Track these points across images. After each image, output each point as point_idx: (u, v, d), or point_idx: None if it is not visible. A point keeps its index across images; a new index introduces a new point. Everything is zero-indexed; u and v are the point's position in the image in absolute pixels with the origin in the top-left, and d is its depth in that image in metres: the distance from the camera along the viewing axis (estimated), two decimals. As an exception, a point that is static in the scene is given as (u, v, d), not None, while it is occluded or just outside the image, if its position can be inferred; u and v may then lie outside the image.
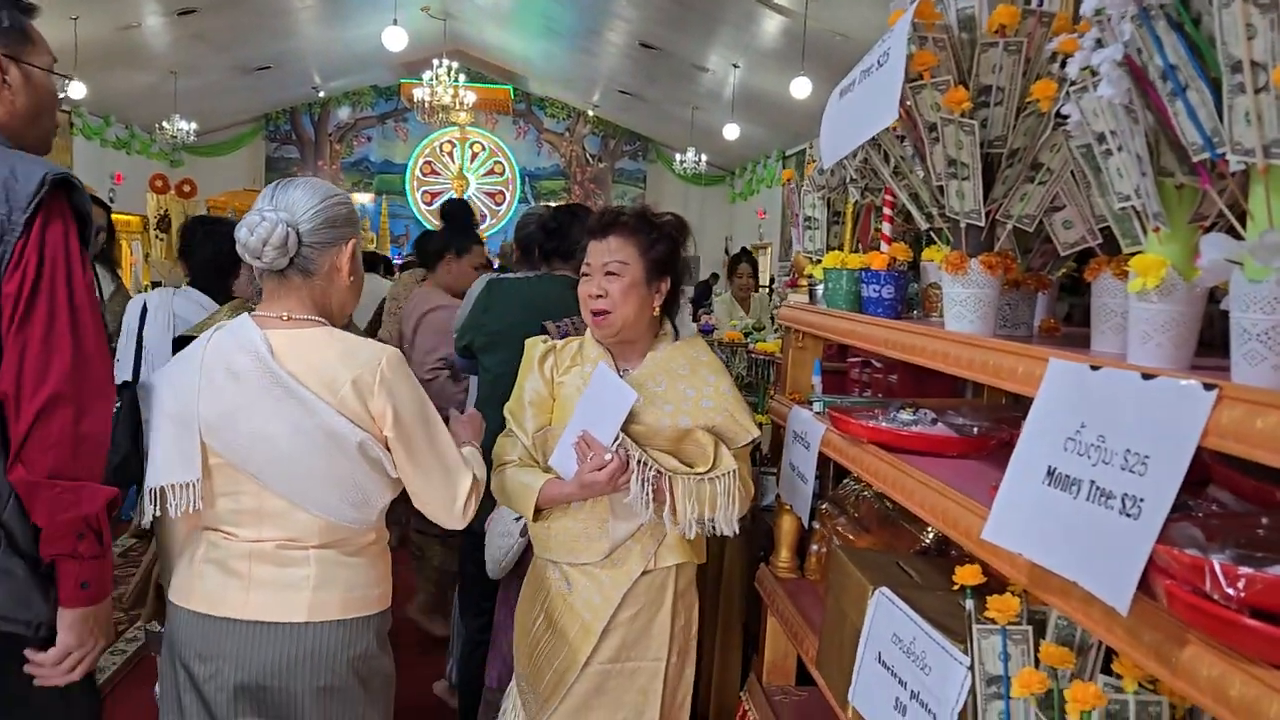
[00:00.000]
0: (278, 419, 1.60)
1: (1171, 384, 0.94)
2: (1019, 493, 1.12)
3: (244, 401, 1.61)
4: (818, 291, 2.26)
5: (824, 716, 2.29)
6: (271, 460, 1.61)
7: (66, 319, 1.52)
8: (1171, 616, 0.91)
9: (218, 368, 1.63)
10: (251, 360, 1.61)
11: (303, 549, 1.65)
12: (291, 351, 1.63)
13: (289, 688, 1.63)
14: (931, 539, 1.97)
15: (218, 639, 1.64)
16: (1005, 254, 1.46)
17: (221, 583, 1.65)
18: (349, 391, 1.61)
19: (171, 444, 1.65)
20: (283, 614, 1.63)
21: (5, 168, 1.52)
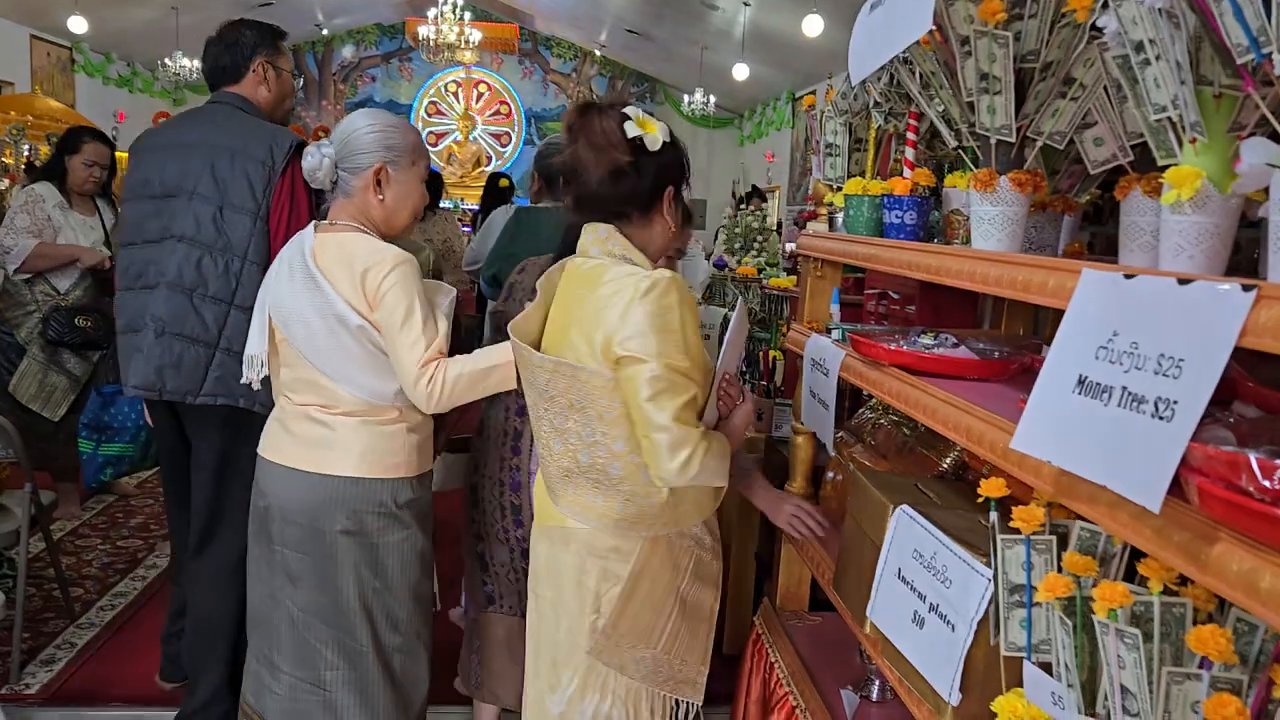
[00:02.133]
0: (309, 305, 1.99)
1: (1208, 287, 0.95)
2: (1049, 402, 1.13)
3: (291, 290, 2.02)
4: (837, 220, 2.25)
5: (837, 640, 2.34)
6: (306, 337, 2.01)
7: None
8: (1201, 515, 0.92)
9: (284, 264, 2.07)
10: (299, 258, 2.02)
11: (333, 414, 2.03)
12: (325, 250, 2.02)
13: (316, 525, 2.03)
14: (949, 464, 1.99)
15: (272, 479, 2.10)
16: (1035, 172, 1.45)
17: (279, 435, 2.11)
18: (356, 282, 1.97)
19: (256, 323, 2.12)
20: (311, 464, 2.04)
21: (270, 135, 2.42)
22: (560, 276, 1.82)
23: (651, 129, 1.72)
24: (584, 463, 1.69)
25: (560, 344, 1.72)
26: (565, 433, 1.71)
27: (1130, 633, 0.98)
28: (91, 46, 12.05)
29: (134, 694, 2.88)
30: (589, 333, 1.65)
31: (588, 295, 1.69)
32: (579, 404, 1.67)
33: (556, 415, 1.71)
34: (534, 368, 1.72)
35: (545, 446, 1.77)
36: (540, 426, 1.77)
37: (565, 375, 1.67)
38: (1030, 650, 1.27)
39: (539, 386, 1.72)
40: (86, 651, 3.15)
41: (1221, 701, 0.87)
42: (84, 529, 4.29)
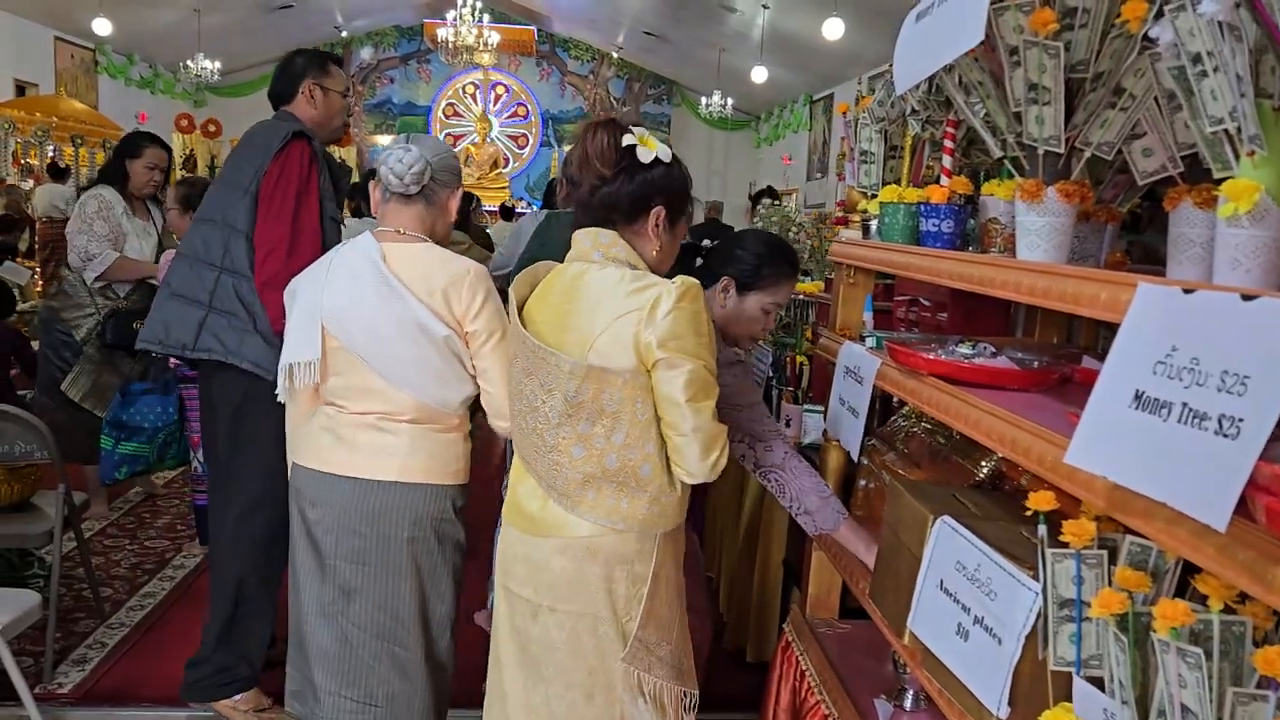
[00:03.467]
0: (383, 312, 2.02)
1: (1275, 304, 0.94)
2: (1105, 416, 1.12)
3: (358, 298, 2.04)
4: (871, 227, 2.24)
5: (868, 648, 2.33)
6: (375, 346, 2.03)
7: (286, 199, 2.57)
8: (1267, 534, 0.91)
9: (342, 271, 2.08)
10: (368, 265, 2.04)
11: (397, 422, 2.07)
12: (400, 259, 2.06)
13: (381, 533, 2.06)
14: (986, 473, 1.98)
15: (327, 490, 2.09)
16: (1083, 183, 1.44)
17: (332, 445, 2.09)
18: (440, 295, 2.03)
19: (300, 331, 2.09)
20: (378, 473, 2.06)
21: (274, 127, 2.67)
22: (550, 279, 1.82)
23: (649, 144, 1.75)
24: (612, 467, 1.69)
25: (561, 347, 1.71)
26: (590, 438, 1.69)
27: (1193, 652, 0.97)
28: (114, 48, 12.16)
29: (164, 694, 2.89)
30: (617, 336, 1.66)
31: (602, 299, 1.70)
32: (610, 408, 1.67)
33: (583, 422, 1.69)
34: (561, 374, 1.69)
35: (563, 454, 1.71)
36: (558, 434, 1.71)
37: (596, 380, 1.66)
38: (1080, 665, 1.26)
39: (565, 393, 1.69)
40: (117, 652, 3.17)
41: (1290, 723, 0.86)
42: (112, 529, 4.32)
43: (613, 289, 1.70)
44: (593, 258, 1.76)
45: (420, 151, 2.10)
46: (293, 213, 2.55)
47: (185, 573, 3.86)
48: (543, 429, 1.73)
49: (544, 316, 1.77)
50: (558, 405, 1.69)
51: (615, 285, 1.70)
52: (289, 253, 2.50)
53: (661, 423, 1.70)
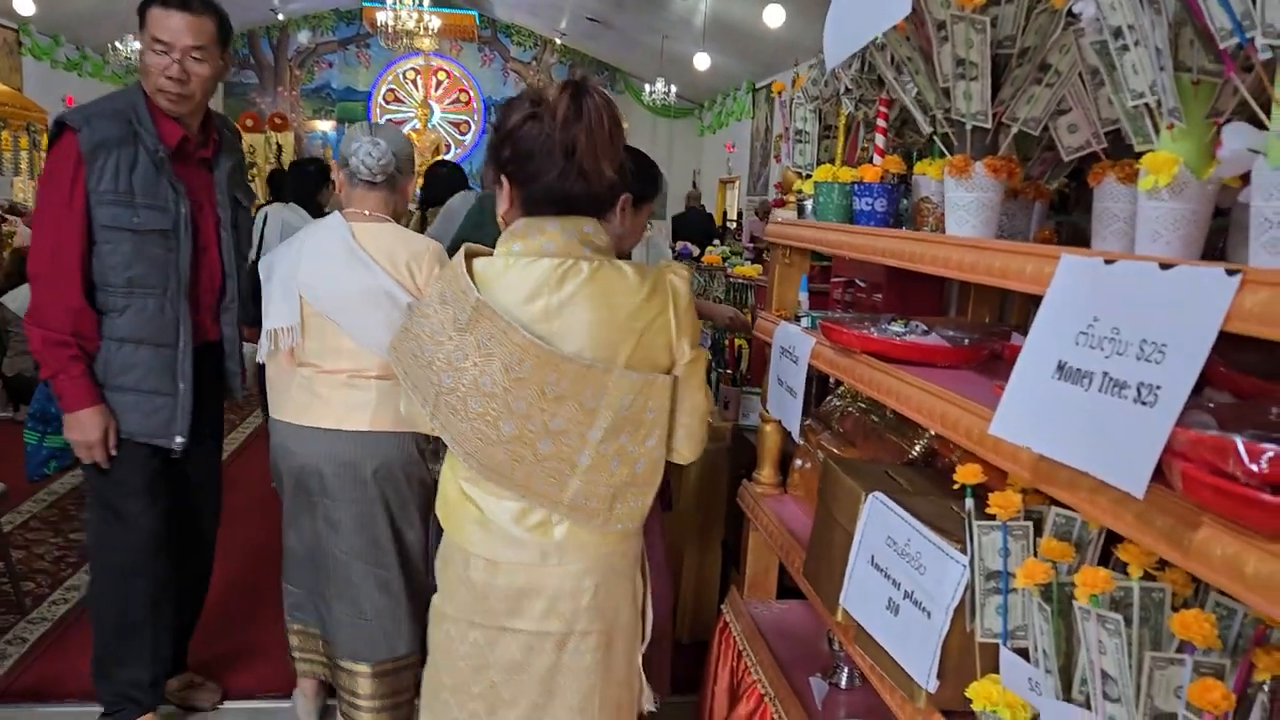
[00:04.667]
0: (354, 283, 2.29)
1: (1192, 271, 0.94)
2: (1028, 388, 1.13)
3: (332, 270, 2.31)
4: (806, 207, 2.24)
5: (805, 628, 2.34)
6: (347, 311, 2.30)
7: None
8: (1184, 500, 0.92)
9: (315, 247, 2.35)
10: (340, 242, 2.32)
11: (366, 379, 2.35)
12: (367, 237, 2.33)
13: (357, 475, 2.36)
14: (918, 451, 1.99)
15: (307, 440, 2.38)
16: (1010, 158, 1.45)
17: (309, 401, 2.38)
18: (405, 267, 2.32)
19: (281, 300, 2.35)
20: (351, 424, 2.35)
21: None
22: (517, 276, 1.56)
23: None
24: (641, 470, 1.60)
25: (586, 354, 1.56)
26: (627, 449, 1.58)
27: (1112, 618, 0.98)
28: (39, 29, 11.75)
29: (86, 689, 2.80)
30: (651, 345, 1.58)
31: (621, 302, 1.55)
32: (651, 415, 1.58)
33: (624, 434, 1.56)
34: (615, 391, 1.53)
35: (601, 472, 1.56)
36: (598, 453, 1.56)
37: (645, 391, 1.56)
38: (1006, 636, 1.27)
39: (617, 409, 1.54)
40: (38, 647, 3.08)
41: (1206, 686, 0.87)
42: (35, 522, 4.19)
43: (626, 290, 1.56)
44: (582, 253, 1.57)
45: (388, 146, 2.38)
46: (41, 209, 2.34)
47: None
48: (573, 453, 1.55)
49: (536, 325, 1.53)
50: (605, 423, 1.55)
51: (626, 285, 1.57)
52: (36, 250, 2.33)
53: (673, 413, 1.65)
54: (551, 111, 1.52)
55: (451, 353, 1.54)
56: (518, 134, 1.55)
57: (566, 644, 1.64)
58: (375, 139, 2.35)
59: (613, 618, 1.67)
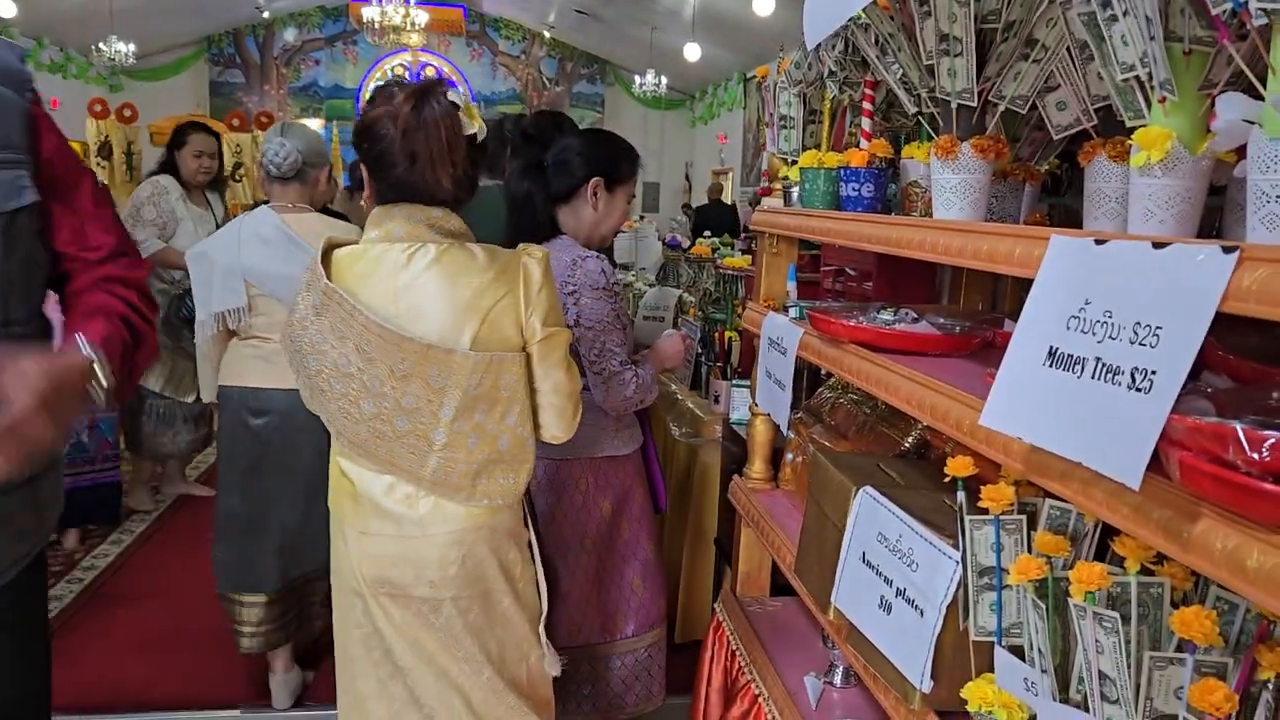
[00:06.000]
0: (292, 263, 2.57)
1: (1186, 250, 0.90)
2: (1019, 376, 1.08)
3: (271, 254, 2.66)
4: (793, 194, 2.19)
5: (800, 625, 2.29)
6: (290, 288, 2.37)
7: None
8: (1182, 491, 0.87)
9: (252, 236, 2.69)
10: (275, 229, 2.70)
11: None
12: (296, 224, 2.72)
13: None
14: (911, 443, 1.94)
15: (268, 401, 2.70)
16: (997, 137, 1.40)
17: (265, 368, 2.70)
18: None
19: (226, 285, 2.67)
20: None
21: None
22: (369, 264, 1.67)
23: (475, 120, 1.69)
24: (505, 447, 1.69)
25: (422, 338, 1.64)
26: (484, 426, 1.66)
27: (1109, 616, 0.94)
28: (22, 31, 11.64)
29: (73, 702, 2.77)
30: (497, 322, 1.65)
31: (463, 282, 1.64)
32: (505, 393, 1.66)
33: (478, 412, 1.65)
34: (459, 370, 1.62)
35: (458, 449, 1.65)
36: (453, 431, 1.64)
37: (494, 370, 1.64)
38: (1001, 634, 1.22)
39: (465, 388, 1.62)
40: None
41: (1208, 687, 0.83)
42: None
43: (473, 271, 1.64)
44: (430, 237, 1.67)
45: (293, 145, 2.73)
46: None
47: (95, 574, 3.70)
48: (427, 429, 1.65)
49: (385, 306, 1.64)
50: (454, 401, 1.63)
51: (473, 266, 1.65)
52: None
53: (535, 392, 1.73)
54: (394, 115, 1.63)
55: (314, 337, 1.67)
56: (371, 130, 1.67)
57: (440, 609, 1.73)
58: (282, 139, 2.74)
59: (483, 584, 1.74)
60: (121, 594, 3.62)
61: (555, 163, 2.28)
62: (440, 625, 1.74)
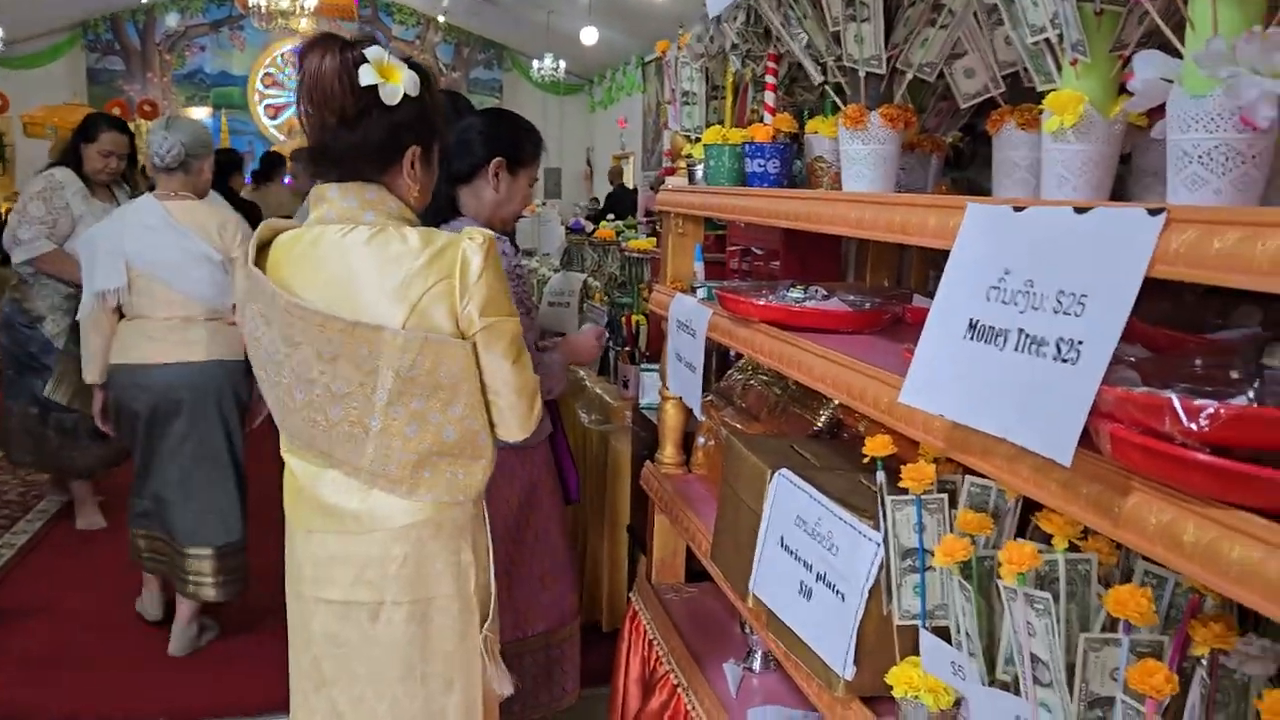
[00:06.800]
0: (175, 248, 2.94)
1: (1111, 213, 0.86)
2: (938, 351, 1.04)
3: (155, 240, 2.94)
4: (697, 172, 2.14)
5: (717, 611, 2.25)
6: (173, 270, 2.94)
7: None
8: (1113, 465, 0.84)
9: (136, 222, 2.98)
10: (157, 216, 2.96)
11: (196, 322, 2.99)
12: (179, 211, 2.99)
13: (197, 396, 2.99)
14: (824, 422, 1.91)
15: (149, 376, 2.97)
16: (906, 107, 1.36)
17: (147, 344, 2.97)
18: (215, 232, 3.00)
19: (110, 266, 2.92)
20: (190, 356, 2.98)
21: None
22: (304, 247, 1.55)
23: (394, 77, 1.50)
24: (451, 440, 1.56)
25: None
26: (425, 414, 1.54)
27: (1040, 597, 0.90)
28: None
29: None
30: (427, 312, 1.50)
31: (395, 268, 1.50)
32: (448, 380, 1.52)
33: (416, 398, 1.53)
34: (389, 350, 1.50)
35: (395, 436, 1.54)
36: (388, 416, 1.53)
37: (433, 352, 1.50)
38: (925, 616, 1.19)
39: (398, 369, 1.51)
40: None
41: (1147, 669, 0.79)
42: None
43: (404, 255, 1.50)
44: (364, 219, 1.54)
45: (177, 137, 2.95)
46: None
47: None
48: (361, 414, 1.53)
49: (313, 291, 1.53)
50: (388, 384, 1.52)
51: (404, 250, 1.51)
52: None
53: (485, 388, 1.58)
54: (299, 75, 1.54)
55: (249, 325, 1.61)
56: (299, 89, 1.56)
57: (379, 614, 1.61)
58: (166, 133, 2.96)
59: (428, 590, 1.62)
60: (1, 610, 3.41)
61: (456, 142, 2.17)
62: (377, 636, 1.61)
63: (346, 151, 1.53)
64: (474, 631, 1.65)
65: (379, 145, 1.54)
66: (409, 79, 1.51)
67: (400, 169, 1.57)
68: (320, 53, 1.48)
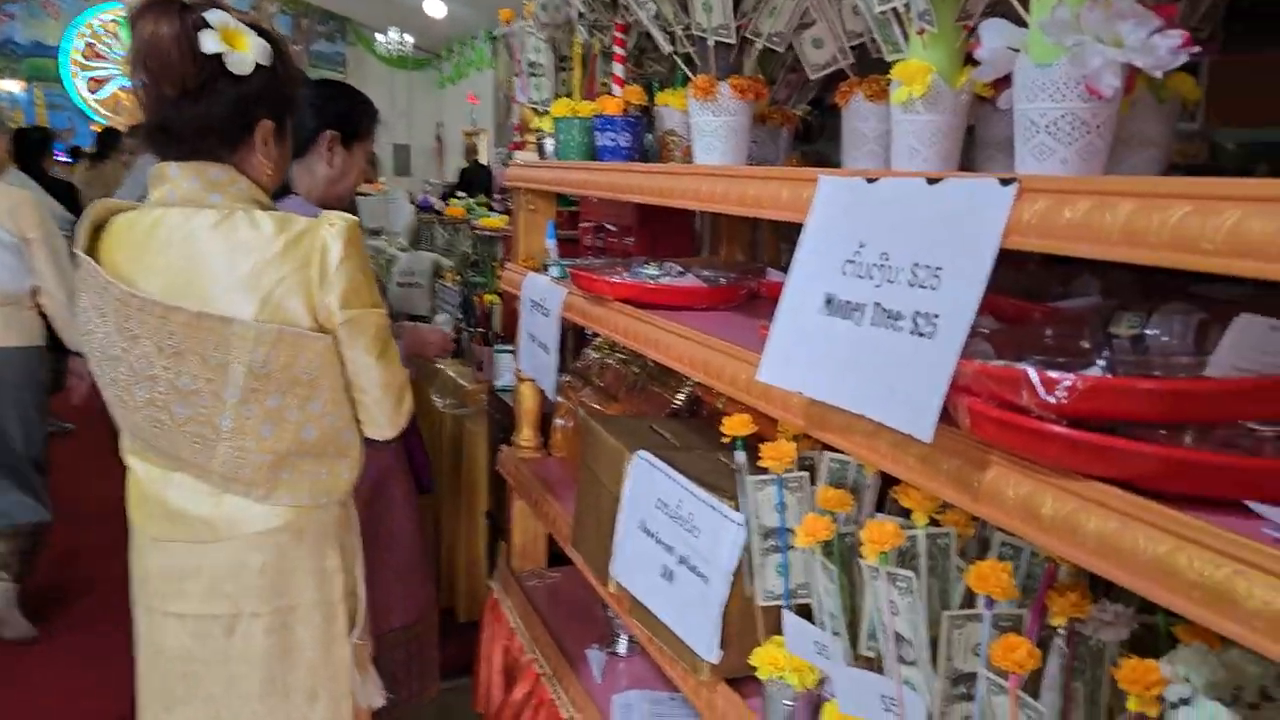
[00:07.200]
0: None
1: (963, 184, 0.85)
2: (794, 327, 1.02)
3: None
4: (547, 146, 2.07)
5: (580, 595, 2.21)
6: None
7: None
8: (971, 439, 0.83)
9: None
10: None
11: None
12: None
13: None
14: (683, 400, 1.89)
15: None
16: (757, 78, 1.33)
17: None
18: (7, 216, 3.03)
19: None
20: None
21: None
22: (140, 232, 1.42)
23: (241, 45, 1.37)
24: (311, 438, 1.45)
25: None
26: (282, 412, 1.42)
27: (904, 576, 0.89)
28: None
29: None
30: (282, 304, 1.38)
31: (244, 256, 1.38)
32: (307, 375, 1.41)
33: (272, 396, 1.41)
34: (240, 343, 1.37)
35: (249, 437, 1.42)
36: (240, 415, 1.41)
37: (289, 346, 1.39)
38: (788, 596, 1.17)
39: (249, 364, 1.39)
40: None
41: (1010, 644, 0.79)
42: None
43: (256, 243, 1.38)
44: (209, 200, 1.40)
45: None
46: None
47: None
48: (211, 413, 1.41)
49: (154, 279, 1.39)
50: (238, 380, 1.40)
51: (255, 237, 1.38)
52: None
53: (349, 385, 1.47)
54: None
55: (81, 318, 1.47)
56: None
57: (235, 627, 1.49)
58: None
59: (290, 599, 1.51)
60: None
61: None
62: (235, 651, 1.49)
63: (189, 126, 1.39)
64: (341, 641, 1.55)
65: (226, 120, 1.40)
66: (258, 46, 1.37)
67: (251, 146, 1.44)
68: (154, 17, 1.32)
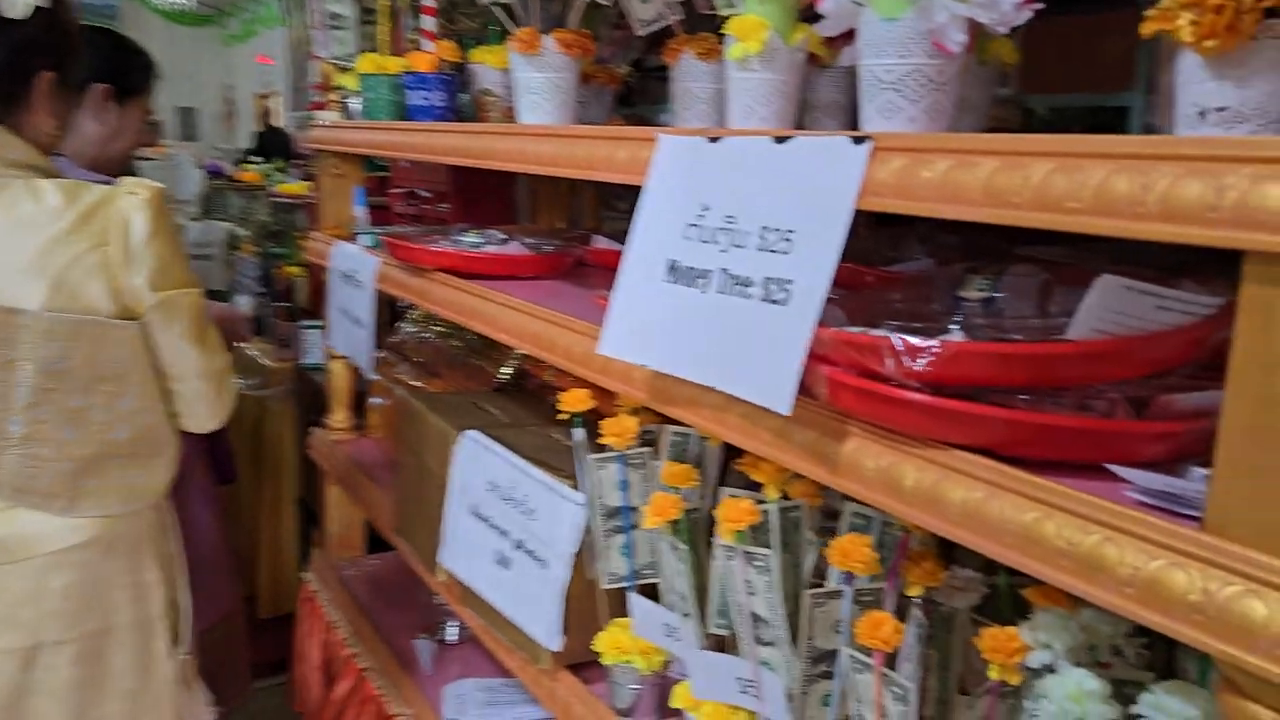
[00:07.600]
0: None
1: (813, 143, 0.81)
2: (637, 296, 0.96)
3: None
4: (352, 106, 1.93)
5: (404, 581, 2.10)
6: None
7: None
8: (828, 410, 0.80)
9: None
10: None
11: None
12: None
13: None
14: (510, 373, 1.80)
15: None
16: (583, 32, 1.26)
17: None
18: None
19: None
20: None
21: None
22: None
23: None
24: (121, 439, 1.29)
25: None
26: (86, 413, 1.26)
27: (760, 554, 0.85)
28: None
29: None
30: (79, 287, 1.20)
31: (28, 233, 1.19)
32: (113, 369, 1.25)
33: (75, 395, 1.25)
34: (27, 337, 1.21)
35: (46, 444, 1.25)
36: (34, 419, 1.24)
37: (90, 339, 1.22)
38: (633, 577, 1.12)
39: (40, 362, 1.22)
40: None
41: (875, 621, 0.77)
42: None
43: (41, 217, 1.20)
44: None
45: None
46: None
47: None
48: (26, 409, 1.24)
49: None
50: (28, 379, 1.23)
51: (40, 211, 1.20)
52: None
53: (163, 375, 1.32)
54: None
55: None
56: None
57: (36, 660, 1.30)
58: None
59: (101, 622, 1.34)
60: None
61: None
62: (35, 686, 1.30)
63: None
64: (160, 660, 1.39)
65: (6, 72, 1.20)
66: None
67: (28, 102, 1.23)
68: None
